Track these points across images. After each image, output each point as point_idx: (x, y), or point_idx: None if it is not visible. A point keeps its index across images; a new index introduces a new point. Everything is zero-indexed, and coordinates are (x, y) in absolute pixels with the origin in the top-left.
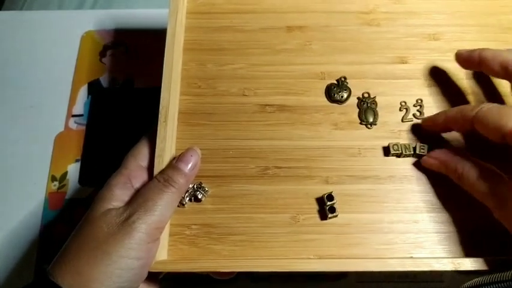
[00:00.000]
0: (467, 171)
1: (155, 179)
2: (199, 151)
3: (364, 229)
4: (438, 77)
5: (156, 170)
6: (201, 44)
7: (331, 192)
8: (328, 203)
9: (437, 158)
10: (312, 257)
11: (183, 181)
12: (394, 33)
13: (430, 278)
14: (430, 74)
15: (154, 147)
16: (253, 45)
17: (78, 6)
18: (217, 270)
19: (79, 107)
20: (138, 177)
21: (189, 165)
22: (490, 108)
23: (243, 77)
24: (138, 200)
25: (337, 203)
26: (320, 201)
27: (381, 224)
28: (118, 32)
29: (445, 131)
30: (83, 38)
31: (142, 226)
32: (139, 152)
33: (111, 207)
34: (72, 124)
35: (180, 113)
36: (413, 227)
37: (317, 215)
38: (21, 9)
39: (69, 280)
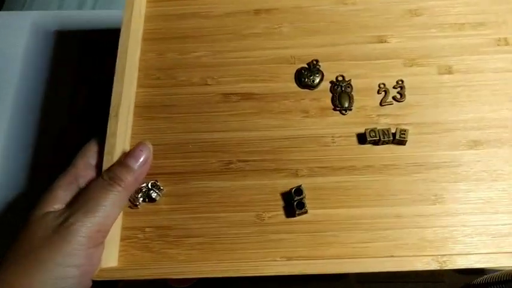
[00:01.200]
0: None
1: (99, 178)
2: (150, 146)
3: (339, 226)
4: (421, 55)
5: (104, 168)
6: (162, 33)
7: (300, 185)
8: (296, 197)
9: None
10: (278, 259)
11: (131, 179)
12: (371, 10)
13: (431, 278)
14: (411, 53)
15: (103, 144)
16: (218, 31)
17: (79, 6)
18: (171, 277)
19: (79, 107)
20: (86, 176)
21: (139, 161)
22: None
23: (205, 65)
24: (79, 200)
25: (306, 197)
26: (287, 196)
27: (357, 220)
28: (118, 32)
29: None
30: (83, 38)
31: (82, 229)
32: (89, 149)
33: (51, 209)
34: (73, 124)
35: (136, 106)
36: (395, 223)
37: (284, 213)
38: (21, 9)
39: None
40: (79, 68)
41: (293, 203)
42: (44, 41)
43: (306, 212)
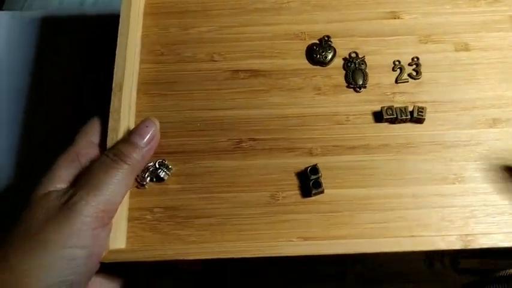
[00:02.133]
0: None
1: (103, 155)
2: (157, 122)
3: (354, 206)
4: (436, 32)
5: (109, 146)
6: (164, 7)
7: (316, 164)
8: (312, 177)
9: None
10: (294, 239)
11: (137, 157)
12: None
13: (431, 278)
14: (426, 30)
15: (108, 122)
16: (222, 5)
17: (79, 6)
18: (182, 258)
19: (80, 107)
20: (88, 155)
21: (145, 138)
22: None
23: (211, 41)
24: (82, 179)
25: (322, 177)
26: (302, 175)
27: (373, 200)
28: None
29: None
30: (83, 38)
31: (86, 208)
32: (91, 127)
33: (53, 189)
34: (73, 124)
35: (140, 83)
36: (413, 203)
37: (299, 192)
38: (21, 9)
39: (1, 278)
40: (79, 67)
41: (309, 182)
42: (44, 40)
43: (322, 192)
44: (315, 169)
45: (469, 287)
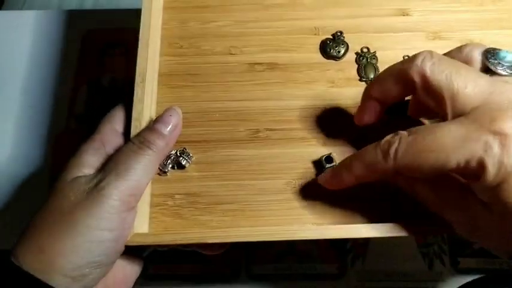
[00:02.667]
0: None
1: (130, 142)
2: (179, 111)
3: (368, 195)
4: (443, 29)
5: (133, 134)
6: (183, 1)
7: (331, 153)
8: (327, 165)
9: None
10: (309, 224)
11: (162, 143)
12: None
13: (431, 277)
14: (433, 27)
15: (131, 111)
16: (238, 1)
17: (79, 5)
18: (205, 241)
19: (79, 107)
20: (112, 142)
21: (169, 127)
22: (407, 148)
23: (228, 35)
24: (109, 164)
25: (337, 165)
26: (318, 164)
27: (385, 188)
28: (118, 32)
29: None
30: (83, 38)
31: (114, 192)
32: (114, 116)
33: (81, 174)
34: (72, 124)
35: (160, 75)
36: None
37: (314, 180)
38: (21, 9)
39: (31, 259)
40: (79, 67)
41: (324, 170)
42: (44, 40)
43: None
44: (329, 158)
45: (469, 287)
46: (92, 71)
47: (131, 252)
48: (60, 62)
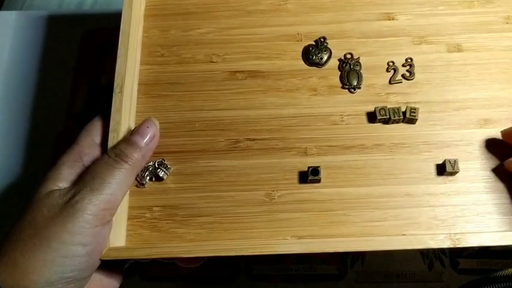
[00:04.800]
0: None
1: (105, 155)
2: (157, 122)
3: (349, 205)
4: (430, 33)
5: (110, 145)
6: (165, 9)
7: (319, 167)
8: (311, 177)
9: None
10: (289, 237)
11: (138, 156)
12: None
13: (431, 278)
14: (420, 31)
15: (109, 122)
16: (222, 7)
17: (78, 6)
18: (181, 255)
19: (78, 107)
20: (90, 154)
21: (146, 139)
22: None
23: (210, 42)
24: (84, 178)
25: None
26: (298, 175)
27: (368, 199)
28: (117, 31)
29: None
30: (83, 38)
31: (88, 207)
32: (93, 127)
33: (56, 188)
34: (72, 124)
35: (140, 84)
36: (405, 201)
37: (294, 191)
38: (21, 9)
39: (5, 274)
40: (79, 67)
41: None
42: (43, 40)
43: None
44: (316, 170)
45: (469, 287)
46: (91, 71)
47: (109, 265)
48: (60, 62)
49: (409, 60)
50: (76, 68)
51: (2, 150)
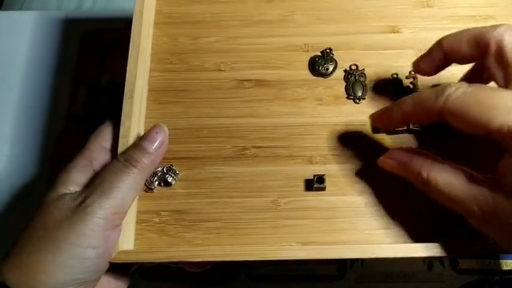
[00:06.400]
0: (435, 175)
1: (115, 160)
2: (166, 128)
3: (354, 213)
4: None
5: (120, 151)
6: (174, 17)
7: (324, 175)
8: (316, 185)
9: (395, 158)
10: (294, 244)
11: (147, 161)
12: (383, 0)
13: (431, 278)
14: (424, 44)
15: (119, 128)
16: (230, 17)
17: (78, 6)
18: (188, 259)
19: (78, 107)
20: (100, 159)
21: (155, 144)
22: (462, 96)
23: (218, 51)
24: (95, 182)
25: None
26: (303, 182)
27: (372, 207)
28: (118, 32)
29: (403, 127)
30: (82, 38)
31: (98, 210)
32: (102, 132)
33: (67, 191)
34: (72, 124)
35: (149, 90)
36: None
37: (299, 199)
38: (20, 9)
39: (15, 274)
40: (78, 68)
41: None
42: (42, 41)
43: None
44: (321, 178)
45: (469, 287)
46: (91, 72)
47: (117, 268)
48: (59, 63)
49: (413, 72)
50: (76, 68)
51: (1, 150)
